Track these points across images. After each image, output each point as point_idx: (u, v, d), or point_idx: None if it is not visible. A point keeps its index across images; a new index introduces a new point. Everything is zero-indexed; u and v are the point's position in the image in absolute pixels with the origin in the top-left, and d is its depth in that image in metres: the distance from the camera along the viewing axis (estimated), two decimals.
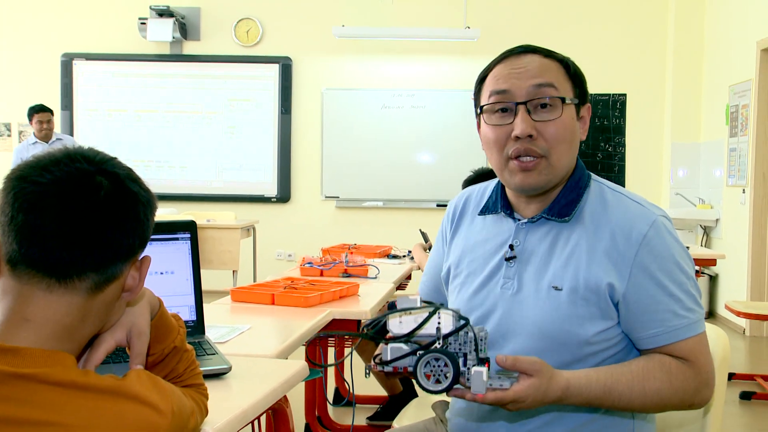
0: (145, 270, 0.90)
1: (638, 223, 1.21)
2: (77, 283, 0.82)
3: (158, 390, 0.85)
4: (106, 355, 0.91)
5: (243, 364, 1.30)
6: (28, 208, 0.79)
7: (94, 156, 0.85)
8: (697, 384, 1.18)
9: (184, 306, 1.47)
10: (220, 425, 1.01)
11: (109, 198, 0.83)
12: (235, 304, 2.10)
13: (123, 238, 0.84)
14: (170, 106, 6.82)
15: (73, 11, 6.83)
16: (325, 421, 3.03)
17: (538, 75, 1.23)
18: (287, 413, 1.29)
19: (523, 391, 1.06)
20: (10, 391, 0.76)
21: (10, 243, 0.81)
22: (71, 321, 0.83)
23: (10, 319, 0.81)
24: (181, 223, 1.49)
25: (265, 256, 6.38)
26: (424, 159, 6.70)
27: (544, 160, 1.22)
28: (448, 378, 1.04)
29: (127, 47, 6.81)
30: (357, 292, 2.31)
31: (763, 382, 3.89)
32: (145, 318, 0.95)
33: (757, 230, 5.10)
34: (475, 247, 1.35)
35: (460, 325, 1.06)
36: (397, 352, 1.06)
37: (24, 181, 0.81)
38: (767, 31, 4.94)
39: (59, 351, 0.81)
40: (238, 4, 6.77)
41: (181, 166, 6.83)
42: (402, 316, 1.07)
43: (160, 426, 0.82)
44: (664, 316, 1.17)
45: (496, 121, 1.25)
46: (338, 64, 6.76)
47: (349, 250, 3.27)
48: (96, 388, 0.80)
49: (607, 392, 1.14)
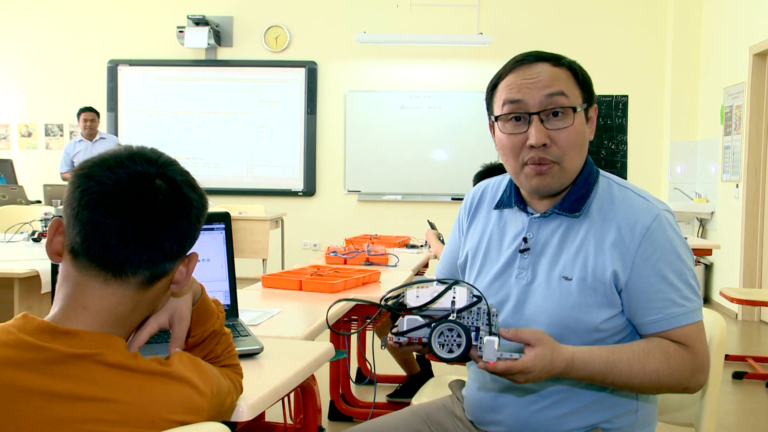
0: (192, 265, 0.90)
1: (642, 216, 1.19)
2: (131, 278, 0.82)
3: (199, 372, 0.86)
4: (150, 337, 0.92)
5: (274, 345, 1.31)
6: (93, 207, 0.80)
7: (156, 158, 0.85)
8: (692, 368, 1.16)
9: (219, 291, 1.48)
10: (254, 401, 1.01)
11: (166, 203, 0.83)
12: (265, 289, 2.10)
13: (175, 241, 0.85)
14: (205, 108, 6.86)
15: (118, 22, 6.88)
16: (349, 398, 3.04)
17: (549, 85, 1.20)
18: (314, 391, 1.29)
19: (530, 361, 1.05)
20: (69, 369, 0.77)
21: (74, 235, 0.81)
22: (123, 310, 0.84)
23: (69, 304, 0.82)
24: (217, 214, 1.49)
25: (292, 245, 6.40)
26: (439, 156, 6.67)
27: (557, 165, 1.20)
28: (460, 348, 1.02)
29: (167, 53, 6.85)
30: (378, 279, 2.31)
31: (754, 363, 3.92)
32: (187, 304, 0.95)
33: (749, 222, 5.12)
34: (491, 239, 1.34)
35: (474, 301, 1.05)
36: (413, 323, 1.05)
37: (90, 180, 0.81)
38: (759, 37, 4.93)
39: (112, 335, 0.82)
40: (267, 12, 6.78)
41: (215, 163, 6.86)
42: (419, 290, 1.06)
43: (201, 405, 0.83)
44: (664, 303, 1.16)
45: (510, 129, 1.23)
46: (360, 67, 6.75)
47: (371, 241, 3.26)
48: (144, 370, 0.81)
49: (609, 368, 1.13)
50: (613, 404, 1.23)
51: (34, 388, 0.75)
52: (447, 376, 1.79)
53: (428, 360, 3.13)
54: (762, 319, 5.15)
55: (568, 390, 1.22)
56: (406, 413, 1.42)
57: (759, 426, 3.06)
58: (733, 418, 3.14)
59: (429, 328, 1.04)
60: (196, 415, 0.82)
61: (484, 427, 1.32)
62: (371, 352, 2.67)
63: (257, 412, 1.02)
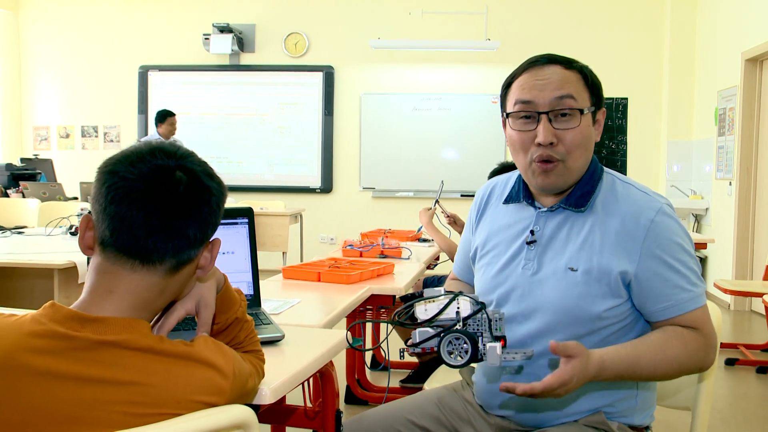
0: (216, 251, 0.90)
1: (645, 210, 1.19)
2: (158, 265, 0.82)
3: (222, 354, 0.85)
4: (177, 322, 0.92)
5: (294, 333, 1.30)
6: (119, 201, 0.80)
7: (175, 151, 0.85)
8: (705, 348, 1.17)
9: (242, 282, 1.47)
10: (276, 385, 1.01)
11: (187, 193, 0.83)
12: (286, 280, 2.10)
13: (198, 228, 0.84)
14: (229, 110, 6.88)
15: (148, 30, 6.92)
16: (364, 383, 3.04)
17: (559, 87, 1.19)
18: (333, 376, 1.29)
19: (568, 372, 1.05)
20: (99, 355, 0.77)
21: (103, 229, 0.81)
22: (150, 295, 0.83)
23: (95, 290, 0.82)
24: (241, 209, 1.49)
25: (310, 239, 6.41)
26: (449, 155, 6.64)
27: (562, 164, 1.20)
28: (467, 354, 1.06)
29: (193, 59, 6.87)
30: (392, 271, 2.31)
31: (745, 350, 3.92)
32: (212, 292, 0.95)
33: (741, 218, 5.12)
34: (500, 232, 1.33)
35: (476, 309, 1.08)
36: (424, 335, 1.09)
37: (115, 176, 0.81)
38: (751, 43, 4.92)
39: (136, 319, 0.81)
40: (287, 20, 6.78)
41: (238, 162, 6.89)
42: (427, 304, 1.10)
43: (223, 386, 0.82)
44: (673, 291, 1.16)
45: (520, 126, 1.22)
46: (374, 71, 6.73)
47: (385, 235, 3.26)
48: (170, 353, 0.80)
49: (635, 362, 1.13)
50: (614, 390, 1.23)
51: (67, 373, 0.75)
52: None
53: None
54: (753, 309, 5.13)
55: None
56: (418, 397, 1.42)
57: (749, 409, 3.05)
58: (726, 401, 3.13)
59: (439, 338, 1.08)
60: (218, 396, 0.81)
61: (492, 410, 1.31)
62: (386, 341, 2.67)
63: (279, 396, 1.02)
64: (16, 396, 0.75)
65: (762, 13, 4.80)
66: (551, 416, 1.24)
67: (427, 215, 2.98)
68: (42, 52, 7.08)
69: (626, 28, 6.40)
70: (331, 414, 1.28)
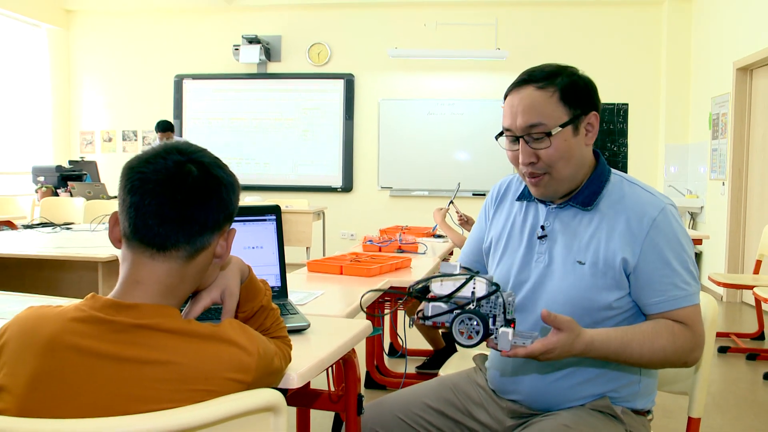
0: (231, 240, 0.90)
1: (649, 209, 1.18)
2: (174, 252, 0.83)
3: (246, 335, 0.85)
4: (203, 309, 0.92)
5: (319, 323, 1.30)
6: (134, 192, 0.81)
7: (187, 148, 0.85)
8: (692, 345, 1.15)
9: (271, 274, 1.48)
10: (303, 371, 1.01)
11: (197, 183, 0.83)
12: (310, 273, 2.11)
13: (209, 215, 0.84)
14: (256, 115, 6.91)
15: (183, 42, 6.98)
16: (382, 369, 3.04)
17: (527, 114, 1.18)
18: (355, 362, 1.29)
19: (551, 343, 1.04)
20: (134, 337, 0.78)
21: (124, 220, 0.83)
22: (172, 282, 0.84)
23: (126, 281, 0.83)
24: (269, 207, 1.50)
25: (332, 235, 6.42)
26: (461, 156, 6.61)
27: (548, 175, 1.21)
28: (478, 335, 1.02)
29: (224, 68, 6.92)
30: (409, 265, 2.30)
31: (736, 338, 3.94)
32: (236, 281, 0.95)
33: (733, 216, 5.13)
34: (513, 227, 1.33)
35: (492, 291, 1.04)
36: (437, 310, 1.05)
37: (133, 171, 0.82)
38: (742, 54, 4.93)
39: (166, 305, 0.82)
40: (311, 32, 6.79)
41: (265, 163, 6.92)
42: (443, 280, 1.06)
43: (249, 364, 0.82)
44: (667, 287, 1.15)
45: (509, 146, 1.26)
46: (392, 79, 6.72)
47: (402, 231, 3.25)
48: (198, 334, 0.81)
49: (623, 348, 1.12)
50: (618, 376, 1.22)
51: (108, 353, 0.77)
52: (471, 351, 1.78)
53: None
54: (744, 301, 5.13)
55: (578, 363, 1.21)
56: (434, 383, 1.42)
57: (740, 393, 3.06)
58: (718, 386, 3.13)
59: (450, 315, 1.04)
60: (245, 373, 0.81)
61: (504, 395, 1.31)
62: (402, 329, 2.67)
63: (306, 381, 1.02)
64: (66, 373, 0.76)
65: (751, 26, 4.84)
66: (560, 400, 1.23)
67: (440, 214, 3.01)
68: (88, 63, 7.18)
69: (626, 39, 6.37)
70: (353, 397, 1.28)
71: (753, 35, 4.78)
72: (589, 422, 1.17)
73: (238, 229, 0.92)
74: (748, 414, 2.77)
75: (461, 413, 1.34)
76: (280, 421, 0.80)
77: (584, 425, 1.16)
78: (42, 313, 0.81)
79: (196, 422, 0.72)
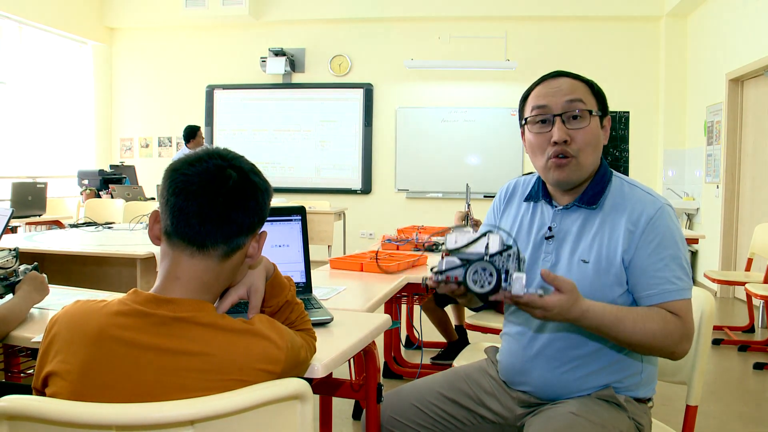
0: (262, 241, 0.90)
1: (648, 208, 1.18)
2: (212, 251, 0.83)
3: (275, 329, 0.86)
4: (231, 306, 0.93)
5: (341, 316, 1.31)
6: (178, 193, 0.81)
7: (227, 154, 0.86)
8: (681, 335, 1.12)
9: (296, 271, 1.48)
10: (327, 362, 1.02)
11: (236, 187, 0.83)
12: (333, 270, 2.11)
13: (246, 218, 0.84)
14: (282, 121, 6.95)
15: (215, 55, 7.05)
16: (399, 360, 3.04)
17: (569, 93, 1.20)
18: (375, 354, 1.29)
19: (551, 302, 1.03)
20: (173, 330, 0.79)
21: (166, 219, 0.83)
22: (208, 279, 0.84)
23: (166, 277, 0.84)
24: (294, 208, 1.50)
25: (352, 234, 6.44)
26: (473, 161, 6.58)
27: (575, 159, 1.19)
28: (491, 284, 0.97)
29: (252, 79, 6.97)
30: (426, 263, 2.30)
31: (729, 331, 3.97)
32: (261, 279, 0.95)
33: (727, 217, 5.15)
34: (521, 226, 1.33)
35: (506, 247, 0.98)
36: (451, 263, 1.01)
37: (176, 173, 0.83)
38: (734, 66, 4.97)
39: (202, 300, 0.83)
40: (333, 44, 6.81)
41: (290, 167, 6.96)
42: (458, 235, 1.01)
43: (278, 356, 0.83)
44: (659, 281, 1.14)
45: (537, 130, 1.22)
46: (408, 88, 6.72)
47: (418, 231, 3.24)
48: (232, 328, 0.81)
49: (615, 323, 1.09)
50: (622, 368, 1.22)
51: (149, 344, 0.78)
52: (482, 343, 1.77)
53: (465, 329, 3.10)
54: (736, 296, 5.12)
55: (585, 356, 1.21)
56: (448, 373, 1.42)
57: (732, 382, 3.08)
58: (713, 376, 3.15)
59: (464, 269, 0.98)
60: (275, 365, 0.82)
61: (514, 386, 1.30)
62: (419, 323, 2.66)
63: (329, 371, 1.02)
64: (112, 363, 0.78)
65: (742, 40, 4.86)
66: (567, 390, 1.22)
67: (457, 216, 3.13)
68: (128, 76, 7.29)
69: (627, 51, 6.35)
70: (373, 386, 1.29)
71: (744, 49, 4.82)
72: (594, 410, 1.16)
73: (266, 229, 0.92)
74: (740, 401, 2.78)
75: (474, 402, 1.33)
76: (306, 408, 0.81)
77: (590, 413, 1.15)
78: (88, 307, 0.83)
79: (230, 408, 0.73)
